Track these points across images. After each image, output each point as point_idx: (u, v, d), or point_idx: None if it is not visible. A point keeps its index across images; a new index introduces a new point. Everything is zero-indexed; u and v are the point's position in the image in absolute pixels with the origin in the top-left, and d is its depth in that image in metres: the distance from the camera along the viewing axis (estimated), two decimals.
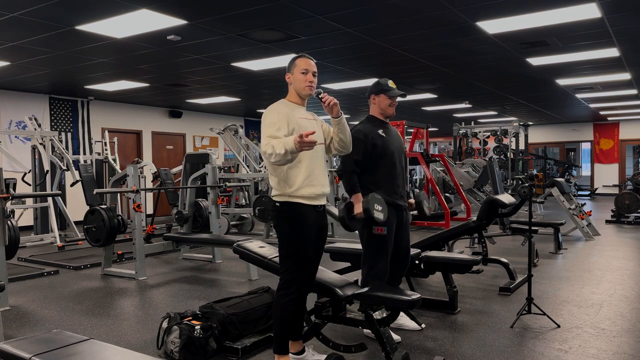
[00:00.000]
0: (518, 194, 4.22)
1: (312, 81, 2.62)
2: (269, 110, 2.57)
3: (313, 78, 2.62)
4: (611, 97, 11.06)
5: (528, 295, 3.60)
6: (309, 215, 2.55)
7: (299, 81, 2.62)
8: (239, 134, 8.73)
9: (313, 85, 2.63)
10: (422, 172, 11.29)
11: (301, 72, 2.61)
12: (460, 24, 5.37)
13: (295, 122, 2.54)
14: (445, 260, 3.85)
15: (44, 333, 2.40)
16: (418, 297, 2.64)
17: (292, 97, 2.68)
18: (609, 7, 4.88)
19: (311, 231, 2.57)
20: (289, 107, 2.62)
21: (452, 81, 8.83)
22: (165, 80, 8.34)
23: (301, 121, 2.57)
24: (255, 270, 5.08)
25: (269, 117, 2.52)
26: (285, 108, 2.58)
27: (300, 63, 2.62)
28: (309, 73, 2.62)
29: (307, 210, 2.54)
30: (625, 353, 3.00)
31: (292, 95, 2.68)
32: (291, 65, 2.66)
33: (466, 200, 8.28)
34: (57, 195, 7.05)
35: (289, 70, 2.67)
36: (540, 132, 17.26)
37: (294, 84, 2.64)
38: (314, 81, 2.63)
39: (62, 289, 4.81)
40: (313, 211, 2.57)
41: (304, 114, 2.64)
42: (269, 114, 2.54)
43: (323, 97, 2.53)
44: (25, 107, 9.20)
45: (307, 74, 2.61)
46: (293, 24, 5.34)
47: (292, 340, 2.72)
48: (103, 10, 4.78)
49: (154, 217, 7.64)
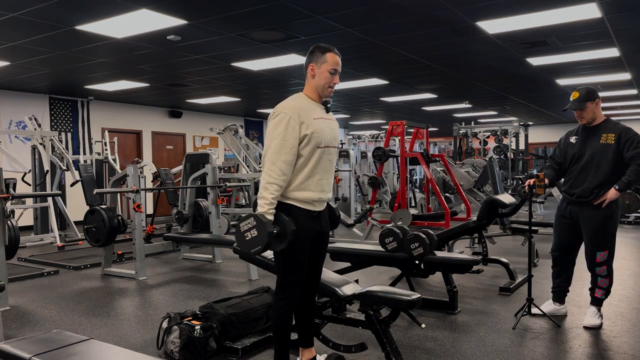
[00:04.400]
0: (518, 194, 4.21)
1: (336, 83, 2.44)
2: (279, 115, 2.33)
3: (338, 81, 2.44)
4: (611, 97, 11.06)
5: (528, 295, 3.60)
6: (302, 219, 2.39)
7: (324, 79, 2.40)
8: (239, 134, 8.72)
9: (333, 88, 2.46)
10: (422, 172, 11.29)
11: (329, 71, 2.39)
12: (460, 24, 5.37)
13: (311, 125, 2.35)
14: (445, 260, 3.85)
15: (44, 333, 2.40)
16: (418, 297, 2.63)
17: (310, 92, 2.45)
18: (609, 7, 4.87)
19: (305, 235, 2.42)
20: (306, 104, 2.41)
21: (452, 81, 8.83)
22: (165, 80, 8.33)
23: (317, 123, 2.38)
24: (255, 270, 5.08)
25: (278, 125, 2.31)
26: (300, 107, 2.37)
27: (330, 59, 2.39)
28: (337, 74, 2.42)
29: (300, 213, 2.39)
30: (625, 353, 3.00)
31: (311, 90, 2.45)
32: (319, 57, 2.40)
33: (466, 200, 8.27)
34: (57, 195, 7.05)
35: (314, 61, 2.41)
36: (540, 132, 17.26)
37: (318, 79, 2.41)
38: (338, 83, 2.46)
39: (62, 289, 4.81)
40: (308, 216, 2.42)
41: (320, 113, 2.44)
42: (279, 120, 2.32)
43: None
44: (25, 107, 9.20)
45: (335, 75, 2.42)
46: (293, 24, 5.33)
47: (303, 347, 2.68)
48: (103, 10, 4.78)
49: (154, 217, 7.64)
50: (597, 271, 3.42)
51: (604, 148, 3.34)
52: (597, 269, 3.41)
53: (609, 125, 3.40)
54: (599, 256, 3.39)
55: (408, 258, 3.91)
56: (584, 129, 3.48)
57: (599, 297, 3.46)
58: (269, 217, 2.27)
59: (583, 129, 3.49)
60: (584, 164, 3.40)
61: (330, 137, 2.47)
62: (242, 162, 8.94)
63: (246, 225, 2.27)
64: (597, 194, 3.34)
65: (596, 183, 3.34)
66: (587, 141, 3.43)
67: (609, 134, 3.34)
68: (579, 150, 3.45)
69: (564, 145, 3.59)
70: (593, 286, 3.48)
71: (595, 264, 3.41)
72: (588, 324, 3.45)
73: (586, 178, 3.38)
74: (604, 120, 3.44)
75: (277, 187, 2.30)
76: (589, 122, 3.43)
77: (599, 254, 3.39)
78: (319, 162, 2.41)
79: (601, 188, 3.33)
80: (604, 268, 3.40)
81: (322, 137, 2.40)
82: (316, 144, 2.38)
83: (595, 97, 3.39)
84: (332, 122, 2.53)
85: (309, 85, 2.46)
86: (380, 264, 4.23)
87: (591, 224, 3.38)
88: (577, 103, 3.40)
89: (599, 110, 3.43)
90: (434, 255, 3.87)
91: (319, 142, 2.38)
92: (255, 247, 2.26)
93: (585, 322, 3.47)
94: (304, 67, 2.49)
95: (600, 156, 3.34)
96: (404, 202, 7.77)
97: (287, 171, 2.32)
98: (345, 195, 10.07)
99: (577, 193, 3.42)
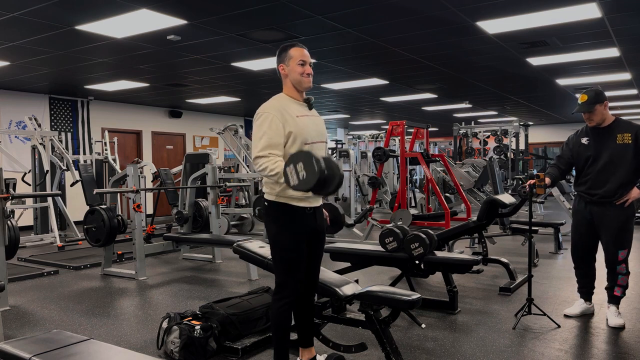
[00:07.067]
0: (518, 194, 4.21)
1: (310, 73, 2.46)
2: (262, 115, 2.38)
3: (311, 70, 2.46)
4: (611, 97, 11.06)
5: (528, 295, 3.60)
6: (297, 217, 2.41)
7: (297, 72, 2.43)
8: (239, 134, 8.72)
9: (311, 77, 2.47)
10: (422, 172, 11.29)
11: (298, 64, 2.43)
12: (460, 23, 5.37)
13: (294, 123, 2.37)
14: (445, 260, 3.85)
15: (43, 333, 2.40)
16: (418, 297, 2.63)
17: (289, 91, 2.49)
18: (609, 7, 4.87)
19: (300, 233, 2.43)
20: (286, 103, 2.44)
21: (452, 81, 8.83)
22: (165, 80, 8.34)
23: (300, 120, 2.40)
24: (255, 270, 5.08)
25: (261, 125, 2.34)
26: (281, 107, 2.40)
27: (295, 54, 2.44)
28: (307, 64, 2.45)
29: (295, 211, 2.40)
30: (625, 353, 3.00)
31: (289, 88, 2.49)
32: (284, 55, 2.46)
33: (466, 200, 8.27)
34: (57, 195, 7.05)
35: (282, 61, 2.47)
36: (540, 132, 17.26)
37: (291, 75, 2.45)
38: (312, 72, 2.48)
39: (62, 289, 4.81)
40: (303, 213, 2.43)
41: (302, 111, 2.47)
42: (262, 121, 2.36)
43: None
44: (25, 107, 9.20)
45: (305, 66, 2.44)
46: (293, 24, 5.33)
47: (302, 347, 2.68)
48: (103, 10, 4.78)
49: (154, 217, 7.64)
50: (618, 269, 3.46)
51: (623, 148, 3.36)
52: (617, 267, 3.45)
53: (621, 124, 3.42)
54: (620, 254, 3.43)
55: (408, 258, 3.91)
56: (594, 130, 3.48)
57: (618, 295, 3.50)
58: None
59: (593, 130, 3.49)
60: (603, 165, 3.41)
61: (315, 132, 2.48)
62: (242, 162, 8.94)
63: (291, 170, 2.13)
64: (621, 193, 3.38)
65: (619, 183, 3.37)
66: (601, 142, 3.44)
67: (625, 133, 3.36)
68: (595, 152, 3.46)
69: (574, 146, 3.59)
70: (612, 285, 3.51)
71: (617, 263, 3.45)
72: (613, 324, 3.46)
73: (608, 179, 3.40)
74: (614, 120, 3.45)
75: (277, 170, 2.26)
76: (598, 124, 3.45)
77: (621, 252, 3.43)
78: None
79: (624, 188, 3.37)
80: (623, 266, 3.45)
81: (308, 134, 2.42)
82: (302, 141, 2.39)
83: (604, 99, 3.40)
84: (317, 119, 2.55)
85: (286, 85, 2.50)
86: (380, 264, 4.23)
87: (615, 223, 3.42)
88: (587, 106, 3.41)
89: (607, 111, 3.44)
90: (434, 255, 3.87)
91: (305, 140, 2.40)
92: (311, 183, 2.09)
93: (610, 323, 3.48)
94: (277, 71, 2.53)
95: (619, 157, 3.37)
96: (404, 202, 7.77)
97: None
98: (345, 195, 10.07)
99: (600, 194, 3.44)
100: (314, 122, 2.50)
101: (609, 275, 3.53)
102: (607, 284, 3.55)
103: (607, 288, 3.55)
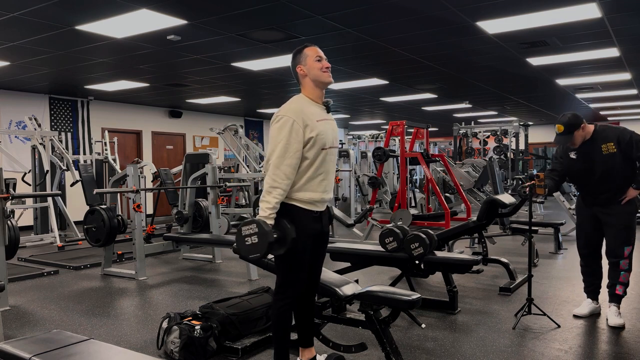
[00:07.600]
0: (518, 194, 4.21)
1: (328, 67, 2.45)
2: (282, 118, 2.33)
3: (329, 64, 2.47)
4: (611, 97, 11.07)
5: (528, 295, 3.60)
6: (304, 220, 2.40)
7: (316, 69, 2.43)
8: (239, 134, 8.73)
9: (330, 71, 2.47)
10: (422, 172, 11.29)
11: (315, 60, 2.44)
12: (460, 24, 5.37)
13: (315, 128, 2.35)
14: (445, 260, 3.85)
15: (43, 333, 2.40)
16: (418, 297, 2.63)
17: (309, 92, 2.46)
18: (609, 7, 4.87)
19: (306, 236, 2.43)
20: (307, 106, 2.41)
21: (452, 81, 8.83)
22: (165, 80, 8.33)
23: (320, 125, 2.38)
24: (255, 270, 5.08)
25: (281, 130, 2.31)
26: (302, 110, 2.36)
27: (310, 52, 2.46)
28: (323, 59, 2.46)
29: (303, 214, 2.40)
30: (625, 353, 3.00)
31: (309, 89, 2.47)
32: (300, 56, 2.47)
33: (466, 200, 8.27)
34: (57, 195, 7.05)
35: (299, 62, 2.46)
36: (540, 132, 17.26)
37: (311, 73, 2.44)
38: (330, 66, 2.47)
39: (62, 289, 4.81)
40: (309, 216, 2.43)
41: (321, 114, 2.44)
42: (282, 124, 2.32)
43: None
44: (25, 107, 9.20)
45: (322, 61, 2.45)
46: (293, 24, 5.33)
47: (302, 347, 2.68)
48: (103, 10, 4.78)
49: (154, 217, 7.64)
50: (621, 264, 3.49)
51: (610, 158, 3.43)
52: (621, 261, 3.49)
53: (602, 134, 3.48)
54: (626, 251, 3.48)
55: (408, 258, 3.91)
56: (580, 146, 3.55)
57: (619, 294, 3.53)
58: (270, 222, 2.28)
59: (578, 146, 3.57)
60: (600, 175, 3.48)
61: (332, 137, 2.49)
62: (242, 162, 8.95)
63: (248, 230, 2.28)
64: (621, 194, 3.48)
65: (617, 187, 3.47)
66: (589, 155, 3.50)
67: (608, 143, 3.43)
68: (586, 165, 3.53)
69: (565, 160, 3.66)
70: (614, 282, 3.53)
71: (622, 257, 3.49)
72: (613, 323, 3.47)
73: (608, 187, 3.49)
74: (594, 131, 3.51)
75: (280, 192, 2.30)
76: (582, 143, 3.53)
77: (627, 248, 3.48)
78: (323, 164, 2.43)
79: (623, 189, 3.47)
80: (627, 262, 3.49)
81: (326, 139, 2.42)
82: (321, 146, 2.39)
83: (580, 123, 3.45)
84: (333, 123, 2.55)
85: (305, 86, 2.48)
86: (380, 264, 4.23)
87: (621, 220, 3.48)
88: (565, 137, 3.49)
89: (586, 127, 3.49)
90: (434, 255, 3.87)
91: (323, 144, 2.40)
92: (253, 253, 2.29)
93: (610, 322, 3.50)
94: (293, 74, 2.53)
95: (611, 167, 3.44)
96: (404, 202, 7.77)
97: (291, 175, 2.33)
98: (345, 195, 10.07)
99: (602, 198, 3.53)
100: (331, 127, 2.50)
101: (610, 272, 3.54)
102: (608, 282, 3.56)
103: (609, 286, 3.56)
